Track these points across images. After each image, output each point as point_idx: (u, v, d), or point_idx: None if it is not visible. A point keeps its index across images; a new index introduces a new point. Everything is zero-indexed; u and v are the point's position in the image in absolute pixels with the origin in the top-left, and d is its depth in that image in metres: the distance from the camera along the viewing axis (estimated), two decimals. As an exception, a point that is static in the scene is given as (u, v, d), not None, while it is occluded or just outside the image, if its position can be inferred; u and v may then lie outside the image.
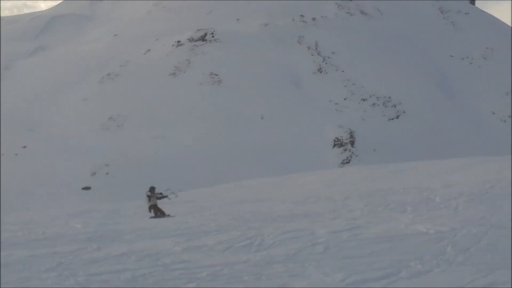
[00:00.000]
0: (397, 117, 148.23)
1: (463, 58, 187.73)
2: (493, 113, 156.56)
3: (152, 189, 22.29)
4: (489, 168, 31.01)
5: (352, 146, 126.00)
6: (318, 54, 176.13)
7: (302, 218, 18.50)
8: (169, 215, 21.26)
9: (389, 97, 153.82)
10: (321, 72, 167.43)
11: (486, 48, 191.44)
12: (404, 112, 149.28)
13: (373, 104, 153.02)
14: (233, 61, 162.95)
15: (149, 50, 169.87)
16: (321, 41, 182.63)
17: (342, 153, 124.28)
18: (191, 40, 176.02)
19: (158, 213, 21.50)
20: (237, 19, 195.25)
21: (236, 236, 14.45)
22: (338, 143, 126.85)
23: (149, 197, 21.88)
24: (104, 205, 33.46)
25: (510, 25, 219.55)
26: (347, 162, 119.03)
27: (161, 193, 22.47)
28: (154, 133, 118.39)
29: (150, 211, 21.69)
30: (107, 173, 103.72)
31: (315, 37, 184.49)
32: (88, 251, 13.72)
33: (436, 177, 29.45)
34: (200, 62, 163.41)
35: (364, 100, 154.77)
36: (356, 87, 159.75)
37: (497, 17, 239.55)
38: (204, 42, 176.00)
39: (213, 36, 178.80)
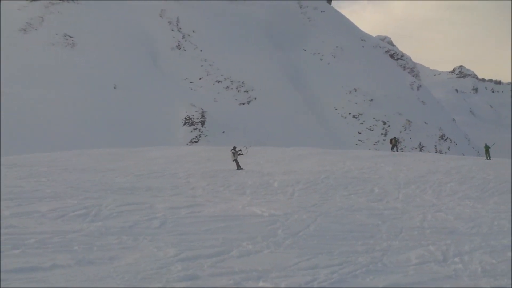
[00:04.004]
0: (248, 102, 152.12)
1: (314, 53, 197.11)
2: (336, 109, 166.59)
3: (234, 148, 28.54)
4: (326, 159, 32.93)
5: (202, 126, 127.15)
6: (178, 30, 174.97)
7: (143, 192, 18.39)
8: (242, 168, 27.34)
9: (242, 82, 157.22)
10: (179, 49, 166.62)
11: (336, 47, 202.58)
12: (255, 98, 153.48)
13: (227, 87, 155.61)
14: (89, 25, 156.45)
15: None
16: (183, 17, 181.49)
17: (192, 131, 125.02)
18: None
19: (239, 166, 27.48)
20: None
21: (71, 205, 13.99)
22: (189, 121, 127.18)
23: (233, 153, 28.07)
24: None
25: (359, 27, 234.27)
26: (196, 141, 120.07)
27: (240, 150, 28.90)
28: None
29: (233, 161, 28.11)
30: None
31: (177, 13, 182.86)
32: None
33: (278, 164, 30.67)
34: (55, 21, 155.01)
35: (218, 82, 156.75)
36: (212, 68, 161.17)
37: (350, 18, 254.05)
38: (61, 1, 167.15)
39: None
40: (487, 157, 39.10)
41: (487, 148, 39.99)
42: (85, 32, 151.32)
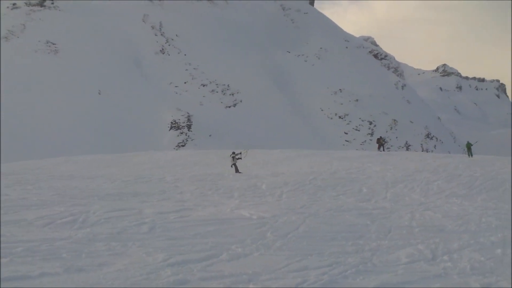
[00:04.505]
0: (234, 105, 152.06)
1: (299, 55, 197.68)
2: (322, 110, 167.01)
3: (233, 152, 29.18)
4: (313, 161, 32.98)
5: (188, 130, 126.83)
6: (161, 35, 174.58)
7: (131, 198, 18.28)
8: (241, 172, 27.53)
9: (228, 85, 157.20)
10: (163, 53, 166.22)
11: (320, 48, 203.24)
12: (241, 101, 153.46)
13: (212, 90, 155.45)
14: (72, 32, 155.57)
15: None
16: (166, 22, 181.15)
17: (178, 136, 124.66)
18: (28, 4, 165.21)
19: (237, 170, 27.94)
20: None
21: (59, 212, 13.86)
22: (175, 125, 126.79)
23: (232, 157, 28.63)
24: None
25: (342, 28, 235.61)
26: (183, 145, 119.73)
27: (240, 153, 29.58)
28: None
29: (231, 167, 28.62)
30: None
31: (160, 18, 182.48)
32: None
33: (265, 166, 30.68)
34: (37, 28, 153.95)
35: (204, 85, 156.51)
36: (197, 72, 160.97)
37: (333, 19, 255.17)
38: (43, 8, 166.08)
39: (52, 3, 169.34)
40: (469, 155, 39.21)
41: (469, 145, 40.07)
42: (67, 39, 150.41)
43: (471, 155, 39.03)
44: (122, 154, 42.59)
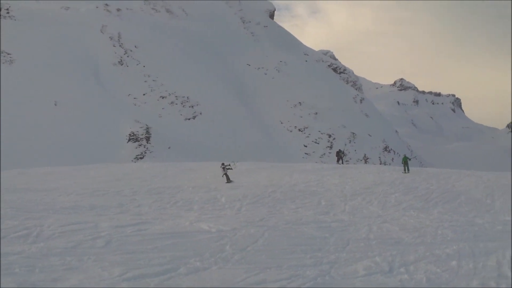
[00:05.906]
0: (194, 117, 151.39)
1: (259, 68, 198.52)
2: (281, 123, 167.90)
3: (223, 164, 30.71)
4: (273, 173, 33.05)
5: (147, 142, 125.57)
6: (120, 46, 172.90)
7: (87, 211, 17.96)
8: (232, 181, 29.09)
9: (187, 97, 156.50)
10: (121, 65, 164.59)
11: (280, 61, 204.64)
12: (201, 113, 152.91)
13: (172, 102, 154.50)
14: (28, 42, 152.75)
15: None
16: (124, 33, 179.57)
17: (136, 148, 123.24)
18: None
19: (229, 179, 29.14)
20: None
21: (12, 226, 13.50)
22: (133, 137, 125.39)
23: (222, 168, 29.97)
24: None
25: (302, 42, 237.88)
26: (141, 158, 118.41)
27: (229, 164, 31.16)
28: None
29: (223, 176, 29.59)
30: None
31: (118, 28, 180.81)
32: None
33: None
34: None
35: (163, 97, 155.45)
36: (156, 83, 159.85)
37: (292, 32, 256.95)
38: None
39: (8, 12, 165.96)
40: (405, 170, 34.98)
41: (405, 159, 36.04)
42: (23, 49, 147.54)
43: (408, 170, 35.05)
44: (78, 166, 41.87)
